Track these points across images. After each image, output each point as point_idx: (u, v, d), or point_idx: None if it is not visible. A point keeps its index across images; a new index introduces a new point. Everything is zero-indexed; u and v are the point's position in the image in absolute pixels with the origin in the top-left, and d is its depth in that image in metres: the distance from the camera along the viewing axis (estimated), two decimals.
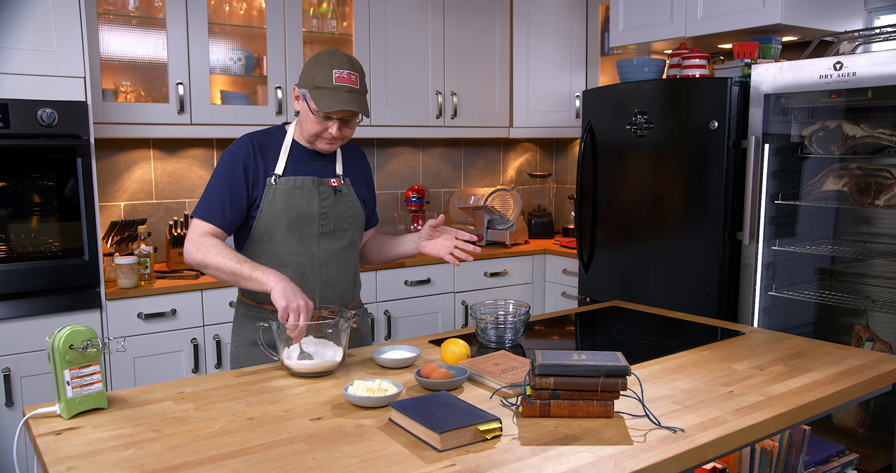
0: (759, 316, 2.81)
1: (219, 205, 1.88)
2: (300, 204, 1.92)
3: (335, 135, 1.89)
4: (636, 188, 3.19)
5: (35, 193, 2.60)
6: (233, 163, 1.90)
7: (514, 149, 4.56)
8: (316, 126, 1.88)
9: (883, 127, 2.56)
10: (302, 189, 1.93)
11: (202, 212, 1.89)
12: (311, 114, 1.87)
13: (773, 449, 1.85)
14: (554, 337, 2.19)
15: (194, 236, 1.87)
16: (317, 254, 1.96)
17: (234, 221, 1.91)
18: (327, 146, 1.93)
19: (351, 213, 2.01)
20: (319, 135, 1.90)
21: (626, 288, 3.26)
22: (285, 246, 1.93)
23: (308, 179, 1.94)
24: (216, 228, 1.88)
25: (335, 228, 1.98)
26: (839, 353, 1.89)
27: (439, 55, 3.82)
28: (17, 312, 2.57)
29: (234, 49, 3.35)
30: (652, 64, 3.27)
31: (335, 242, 1.99)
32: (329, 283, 1.98)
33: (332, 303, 1.97)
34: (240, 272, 1.78)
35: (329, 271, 1.98)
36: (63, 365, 1.44)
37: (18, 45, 2.52)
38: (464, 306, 3.66)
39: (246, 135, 1.97)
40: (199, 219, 1.89)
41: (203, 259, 1.82)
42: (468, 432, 1.31)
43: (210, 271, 1.84)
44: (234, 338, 2.06)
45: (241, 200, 1.90)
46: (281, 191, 1.91)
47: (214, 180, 1.91)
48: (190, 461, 1.25)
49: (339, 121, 1.87)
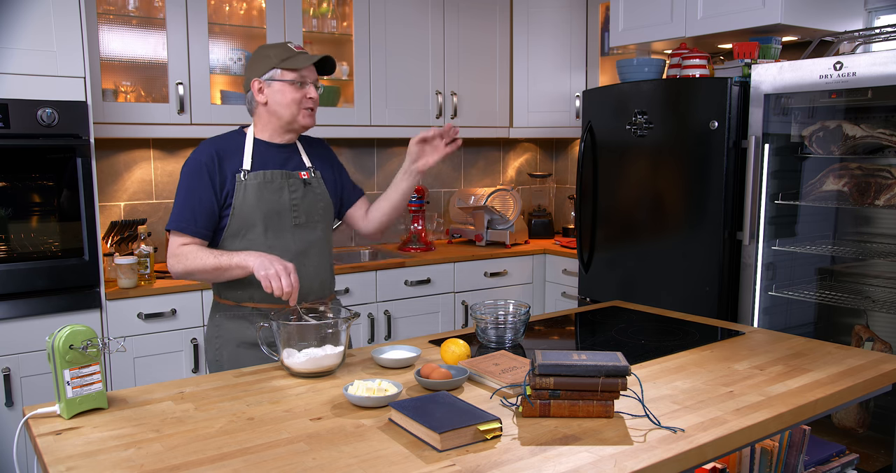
0: (759, 316, 2.81)
1: (189, 215, 1.91)
2: (271, 197, 1.95)
3: (314, 97, 1.99)
4: (636, 188, 3.19)
5: (35, 193, 2.60)
6: (197, 170, 1.92)
7: (514, 149, 4.56)
8: (295, 95, 1.96)
9: (883, 127, 2.56)
10: (272, 182, 1.96)
11: (174, 223, 1.91)
12: (288, 86, 1.95)
13: (773, 449, 1.85)
14: (554, 337, 2.19)
15: (173, 249, 1.92)
16: (293, 246, 1.98)
17: (208, 227, 1.93)
18: (310, 119, 2.01)
19: (321, 205, 2.05)
20: (301, 106, 1.97)
21: (626, 288, 3.26)
22: (261, 240, 1.95)
23: (277, 172, 1.98)
24: (192, 238, 1.92)
25: (307, 220, 2.01)
26: (839, 353, 1.89)
27: (439, 55, 3.82)
28: (17, 312, 2.57)
29: (234, 49, 3.35)
30: (652, 64, 3.27)
31: (309, 234, 2.02)
32: (308, 275, 2.00)
33: (311, 294, 2.01)
34: (221, 265, 1.84)
35: (306, 262, 2.00)
36: (63, 365, 1.44)
37: (18, 45, 2.52)
38: (464, 306, 3.66)
39: (204, 142, 1.99)
40: (173, 232, 1.93)
41: (185, 268, 1.88)
42: (468, 432, 1.31)
43: (197, 276, 1.89)
44: (212, 341, 2.02)
45: (210, 205, 1.92)
46: (252, 186, 1.94)
47: (181, 191, 1.93)
48: (190, 461, 1.25)
49: (311, 84, 1.99)
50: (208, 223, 1.93)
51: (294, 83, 1.95)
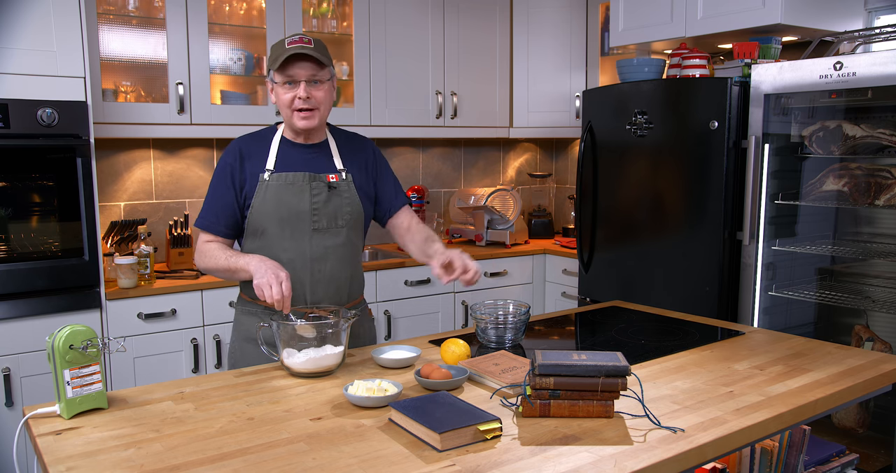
0: (759, 316, 2.81)
1: (212, 214, 1.96)
2: (290, 200, 1.93)
3: (304, 96, 1.87)
4: (636, 188, 3.19)
5: (35, 193, 2.60)
6: (221, 170, 1.96)
7: (514, 149, 4.56)
8: (286, 95, 1.89)
9: (883, 127, 2.56)
10: (293, 185, 1.93)
11: (200, 220, 1.98)
12: (279, 88, 1.89)
13: (773, 449, 1.85)
14: (554, 337, 2.19)
15: (198, 246, 1.98)
16: (308, 251, 1.95)
17: (229, 226, 1.96)
18: (305, 122, 1.90)
19: (347, 210, 1.98)
20: (293, 107, 1.89)
21: (626, 288, 3.26)
22: (277, 243, 1.94)
23: (300, 175, 1.94)
24: (214, 236, 1.97)
25: (329, 225, 1.96)
26: (839, 353, 1.89)
27: (439, 55, 3.82)
28: (17, 312, 2.57)
29: (234, 49, 3.35)
30: (652, 64, 3.27)
31: (328, 239, 1.97)
32: (320, 280, 1.96)
33: (324, 301, 1.96)
34: (230, 267, 1.87)
35: (321, 268, 1.96)
36: (63, 365, 1.44)
37: (18, 45, 2.52)
38: (464, 306, 3.66)
39: (236, 139, 2.00)
40: (199, 229, 1.98)
41: (205, 265, 1.94)
42: (468, 432, 1.31)
43: (216, 274, 1.94)
44: (232, 335, 2.08)
45: (231, 207, 1.95)
46: (272, 188, 1.93)
47: (210, 189, 1.98)
48: (190, 461, 1.25)
49: (305, 83, 1.88)
50: (230, 222, 1.96)
51: (284, 84, 1.88)
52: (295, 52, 1.84)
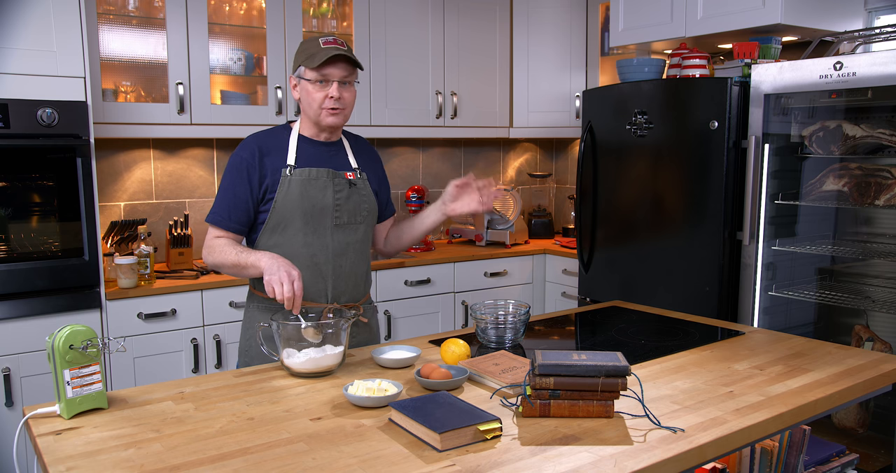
0: (759, 316, 2.81)
1: (225, 210, 1.95)
2: (315, 195, 1.94)
3: (336, 96, 1.91)
4: (636, 188, 3.19)
5: (35, 193, 2.60)
6: (237, 166, 1.95)
7: (514, 149, 4.56)
8: (317, 94, 1.91)
9: (883, 127, 2.56)
10: (317, 180, 1.95)
11: (211, 216, 1.96)
12: (310, 85, 1.91)
13: (773, 449, 1.85)
14: (554, 337, 2.19)
15: (207, 241, 1.97)
16: (331, 246, 1.97)
17: (241, 223, 1.96)
18: (333, 118, 1.94)
19: (365, 207, 2.03)
20: (323, 106, 1.92)
21: (626, 288, 3.26)
22: (299, 238, 1.95)
23: (323, 171, 1.96)
24: (225, 232, 1.95)
25: (349, 220, 2.00)
26: (839, 353, 1.89)
27: (439, 55, 3.82)
28: (17, 312, 2.57)
29: (234, 49, 3.35)
30: (652, 64, 3.27)
31: (349, 235, 2.00)
32: (342, 275, 2.00)
33: (344, 295, 2.00)
34: (239, 262, 1.86)
35: (343, 263, 1.99)
36: (63, 365, 1.44)
37: (18, 45, 2.52)
38: (464, 306, 3.66)
39: (250, 136, 2.00)
40: (210, 224, 1.97)
41: (214, 260, 1.93)
42: (468, 432, 1.31)
43: (224, 270, 1.93)
44: (244, 332, 2.06)
45: (246, 203, 1.94)
46: (296, 182, 1.93)
47: (221, 185, 1.97)
48: (190, 461, 1.25)
49: (338, 83, 1.91)
50: (242, 219, 1.95)
51: (316, 82, 1.91)
52: (335, 54, 1.87)
